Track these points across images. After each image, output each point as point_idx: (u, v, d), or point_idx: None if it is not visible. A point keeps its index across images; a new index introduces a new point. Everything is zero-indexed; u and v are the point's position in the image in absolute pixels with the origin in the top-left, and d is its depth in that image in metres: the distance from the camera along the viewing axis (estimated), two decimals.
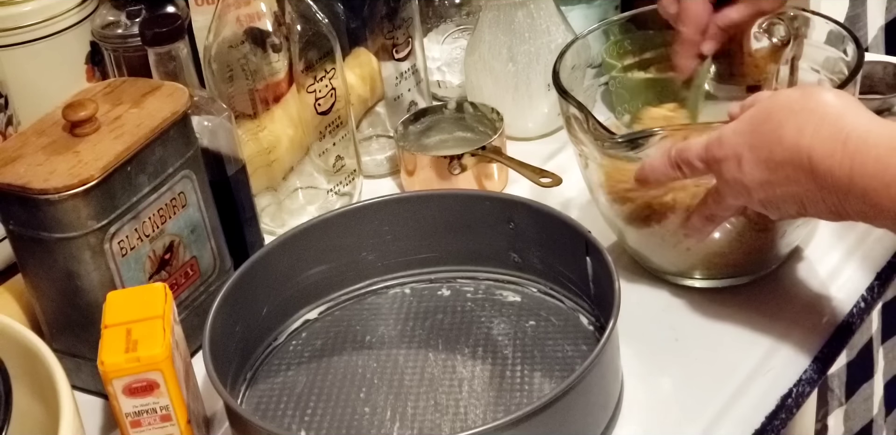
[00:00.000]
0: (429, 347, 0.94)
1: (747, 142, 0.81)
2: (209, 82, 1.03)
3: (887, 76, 1.20)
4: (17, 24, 1.11)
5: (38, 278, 0.91)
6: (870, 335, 1.58)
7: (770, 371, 0.89)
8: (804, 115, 0.79)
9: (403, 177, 1.14)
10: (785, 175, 0.79)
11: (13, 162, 0.87)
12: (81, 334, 0.91)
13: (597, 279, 0.91)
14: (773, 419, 0.87)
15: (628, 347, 0.89)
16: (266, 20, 1.01)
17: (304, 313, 0.98)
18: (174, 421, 0.83)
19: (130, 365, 0.81)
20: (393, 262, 1.00)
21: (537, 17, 1.16)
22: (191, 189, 0.94)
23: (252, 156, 1.05)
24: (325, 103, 1.06)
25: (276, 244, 0.95)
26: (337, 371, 0.93)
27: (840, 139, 0.77)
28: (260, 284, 0.93)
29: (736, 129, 0.82)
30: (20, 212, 0.87)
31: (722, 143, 0.83)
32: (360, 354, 0.94)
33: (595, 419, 0.84)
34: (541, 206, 0.94)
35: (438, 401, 0.88)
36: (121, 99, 0.92)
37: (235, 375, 0.91)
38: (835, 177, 0.77)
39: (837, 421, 1.61)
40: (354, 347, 0.95)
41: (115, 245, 0.88)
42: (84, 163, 0.86)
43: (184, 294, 0.96)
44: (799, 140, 0.78)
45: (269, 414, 0.90)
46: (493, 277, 1.00)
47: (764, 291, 0.98)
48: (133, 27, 1.12)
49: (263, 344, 0.96)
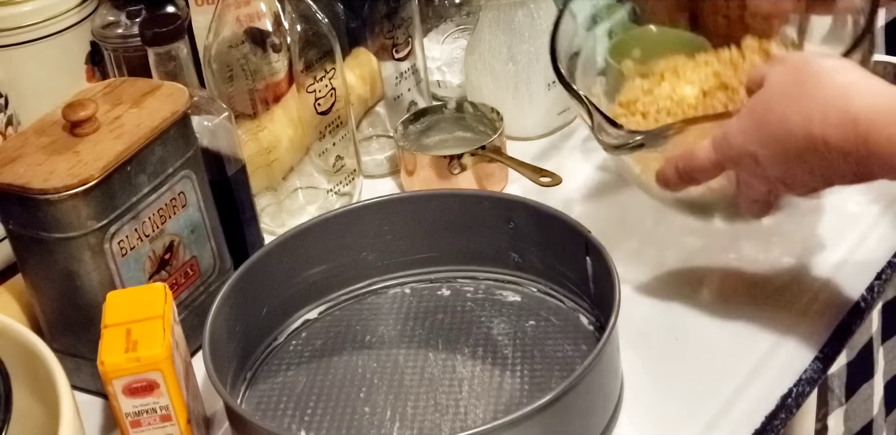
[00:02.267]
0: (429, 347, 0.94)
1: (756, 139, 0.79)
2: (209, 82, 1.03)
3: (887, 76, 1.20)
4: (17, 24, 1.11)
5: (38, 278, 0.91)
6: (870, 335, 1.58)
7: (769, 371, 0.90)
8: (806, 102, 0.76)
9: (403, 177, 1.14)
10: (805, 162, 0.77)
11: (13, 162, 0.87)
12: (81, 334, 0.91)
13: (597, 279, 0.91)
14: (773, 419, 0.87)
15: (628, 347, 0.89)
16: (266, 20, 1.01)
17: (304, 313, 0.98)
18: (174, 421, 0.83)
19: (130, 365, 0.81)
20: (393, 262, 1.00)
21: (537, 16, 1.16)
22: (191, 189, 0.94)
23: (252, 156, 1.05)
24: (325, 103, 1.06)
25: (276, 244, 0.95)
26: (337, 371, 0.93)
27: (850, 121, 0.74)
28: (260, 284, 0.93)
29: (740, 128, 0.80)
30: (20, 212, 0.87)
31: (731, 145, 0.81)
32: (360, 354, 0.94)
33: (595, 419, 0.84)
34: (541, 206, 0.94)
35: (438, 401, 0.88)
36: (121, 99, 0.92)
37: (235, 375, 0.91)
38: (853, 159, 0.75)
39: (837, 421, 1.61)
40: (354, 347, 0.95)
41: (114, 245, 0.88)
42: (84, 163, 0.86)
43: (184, 294, 0.96)
44: (810, 129, 0.75)
45: (269, 414, 0.90)
46: (493, 276, 1.00)
47: (764, 291, 0.98)
48: (133, 27, 1.12)
49: (263, 344, 0.96)
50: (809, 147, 0.76)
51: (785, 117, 0.77)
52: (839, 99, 0.74)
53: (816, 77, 0.77)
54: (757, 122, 0.79)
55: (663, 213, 1.05)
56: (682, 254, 1.02)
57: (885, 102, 0.74)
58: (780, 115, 0.77)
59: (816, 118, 0.75)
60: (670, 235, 1.05)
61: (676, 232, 1.05)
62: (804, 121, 0.75)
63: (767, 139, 0.78)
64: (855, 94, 0.74)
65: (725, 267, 1.01)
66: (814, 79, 0.77)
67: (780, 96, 0.78)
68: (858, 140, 0.73)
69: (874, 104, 0.74)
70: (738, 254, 1.03)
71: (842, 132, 0.74)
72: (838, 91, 0.75)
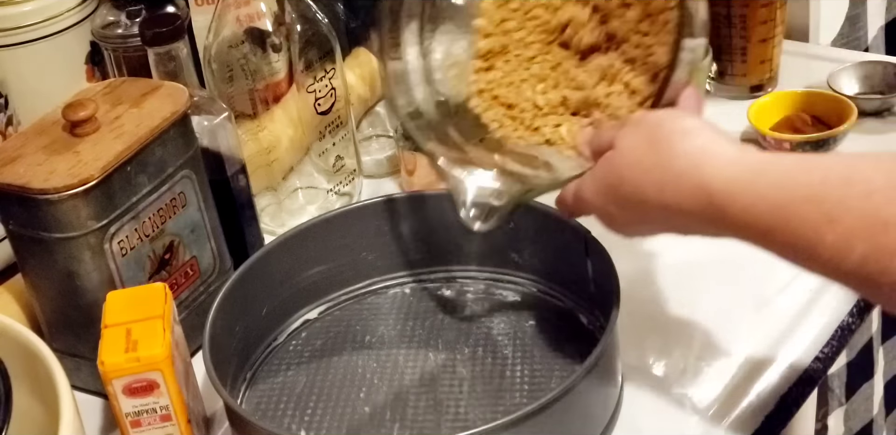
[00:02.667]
0: (429, 347, 0.94)
1: (612, 202, 0.77)
2: (209, 82, 1.03)
3: (887, 76, 1.20)
4: (17, 24, 1.11)
5: (38, 278, 0.91)
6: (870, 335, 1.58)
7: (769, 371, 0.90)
8: (658, 174, 0.73)
9: (403, 177, 1.14)
10: (664, 222, 0.76)
11: (13, 162, 0.87)
12: (81, 334, 0.91)
13: (597, 279, 0.91)
14: (773, 419, 0.87)
15: (628, 347, 0.89)
16: (266, 20, 1.01)
17: (304, 313, 0.98)
18: (174, 421, 0.83)
19: (130, 365, 0.81)
20: (393, 262, 1.00)
21: None
22: (191, 189, 0.94)
23: (252, 156, 1.05)
24: (325, 103, 1.06)
25: (276, 244, 0.95)
26: (337, 371, 0.93)
27: (704, 194, 0.70)
28: (260, 284, 0.93)
29: (595, 191, 0.78)
30: (20, 212, 0.87)
31: (587, 202, 0.79)
32: (360, 354, 0.94)
33: (595, 419, 0.84)
34: (541, 206, 0.94)
35: (438, 401, 0.88)
36: (121, 99, 0.92)
37: (235, 375, 0.91)
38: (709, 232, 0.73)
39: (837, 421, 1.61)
40: (354, 347, 0.95)
41: (114, 245, 0.88)
42: (84, 163, 0.86)
43: (184, 294, 0.96)
44: (664, 200, 0.73)
45: (269, 414, 0.90)
46: (493, 276, 1.00)
47: (764, 291, 0.98)
48: (133, 27, 1.12)
49: (263, 344, 0.96)
50: (667, 215, 0.74)
51: (639, 188, 0.74)
52: (692, 169, 0.71)
53: (668, 144, 0.73)
54: (610, 190, 0.77)
55: None
56: (682, 254, 1.02)
57: (737, 171, 0.70)
58: (634, 186, 0.75)
59: (669, 190, 0.72)
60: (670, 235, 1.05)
61: None
62: (658, 192, 0.73)
63: (624, 204, 0.76)
64: (707, 163, 0.71)
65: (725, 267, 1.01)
66: (665, 146, 0.73)
67: (632, 166, 0.75)
68: (714, 209, 0.70)
69: (727, 173, 0.70)
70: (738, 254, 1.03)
71: (696, 202, 0.71)
72: (692, 160, 0.72)
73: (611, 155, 0.77)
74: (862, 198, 0.64)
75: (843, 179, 0.65)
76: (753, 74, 1.23)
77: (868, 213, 0.63)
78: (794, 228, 0.66)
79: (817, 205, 0.65)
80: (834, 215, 0.64)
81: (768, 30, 1.20)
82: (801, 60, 1.28)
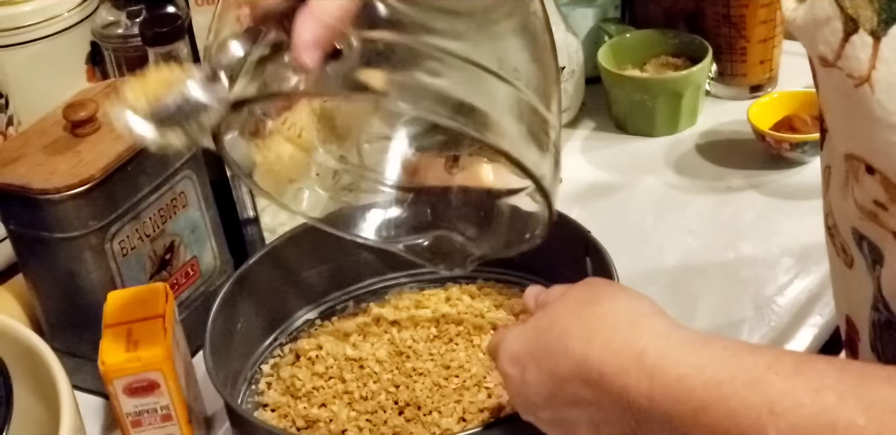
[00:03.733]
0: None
1: (530, 351, 0.68)
2: None
3: None
4: (17, 24, 1.11)
5: (39, 278, 0.91)
6: None
7: None
8: (593, 323, 0.65)
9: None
10: (572, 392, 0.65)
11: (14, 162, 0.87)
12: (82, 334, 0.91)
13: None
14: None
15: None
16: None
17: (304, 313, 0.98)
18: (175, 421, 0.84)
19: (131, 365, 0.81)
20: (393, 262, 1.00)
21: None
22: (191, 189, 0.94)
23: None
24: None
25: (276, 244, 0.95)
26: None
27: (636, 353, 0.62)
28: (260, 284, 0.93)
29: (520, 334, 0.70)
30: (21, 212, 0.87)
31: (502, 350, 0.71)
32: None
33: None
34: None
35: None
36: None
37: (235, 375, 0.91)
38: (631, 397, 0.61)
39: None
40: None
41: (115, 245, 0.88)
42: (85, 163, 0.86)
43: (184, 294, 0.96)
44: (587, 352, 0.64)
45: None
46: (493, 277, 1.00)
47: (764, 291, 0.98)
48: (133, 27, 1.12)
49: (263, 344, 0.96)
50: (581, 373, 0.64)
51: (566, 334, 0.66)
52: (631, 326, 0.64)
53: (612, 298, 0.68)
54: (537, 333, 0.69)
55: (663, 213, 1.06)
56: (682, 254, 1.02)
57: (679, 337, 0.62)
58: (562, 332, 0.67)
59: (598, 341, 0.64)
60: (670, 235, 1.05)
61: (676, 232, 1.06)
62: (584, 342, 0.65)
63: (541, 353, 0.68)
64: (649, 325, 0.64)
65: (725, 267, 1.01)
66: (609, 300, 0.68)
67: (568, 312, 0.68)
68: (642, 376, 0.61)
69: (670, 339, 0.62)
70: (737, 254, 1.03)
71: (623, 362, 0.62)
72: (633, 318, 0.65)
73: (553, 301, 0.71)
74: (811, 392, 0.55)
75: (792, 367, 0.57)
76: (753, 74, 1.24)
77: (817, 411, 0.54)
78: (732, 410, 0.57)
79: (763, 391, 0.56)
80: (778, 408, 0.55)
81: (768, 30, 1.20)
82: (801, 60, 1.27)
